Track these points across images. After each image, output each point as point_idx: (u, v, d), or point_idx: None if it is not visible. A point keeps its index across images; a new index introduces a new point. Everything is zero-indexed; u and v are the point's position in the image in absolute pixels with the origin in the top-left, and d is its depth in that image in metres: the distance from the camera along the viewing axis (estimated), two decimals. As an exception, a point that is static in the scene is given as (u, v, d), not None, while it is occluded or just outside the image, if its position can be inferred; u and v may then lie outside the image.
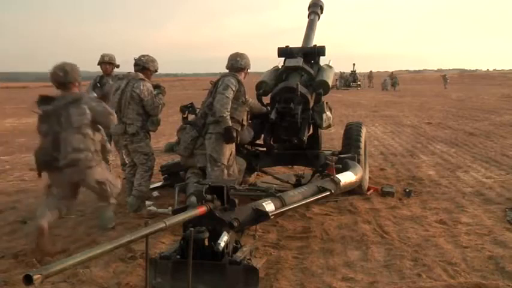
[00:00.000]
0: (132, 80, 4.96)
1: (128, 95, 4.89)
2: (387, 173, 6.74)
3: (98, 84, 6.15)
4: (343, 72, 43.12)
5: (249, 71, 5.16)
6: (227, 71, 5.01)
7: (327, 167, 4.46)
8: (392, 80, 38.37)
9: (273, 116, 5.19)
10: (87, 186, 4.15)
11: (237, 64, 4.98)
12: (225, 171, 4.76)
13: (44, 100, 3.86)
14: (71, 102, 3.78)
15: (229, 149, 4.82)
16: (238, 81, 4.82)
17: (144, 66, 5.07)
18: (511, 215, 4.53)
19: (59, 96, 3.87)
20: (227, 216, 2.90)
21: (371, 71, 48.57)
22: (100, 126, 4.06)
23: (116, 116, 4.10)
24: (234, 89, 4.72)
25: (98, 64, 6.19)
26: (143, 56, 5.15)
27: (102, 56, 6.16)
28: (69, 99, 3.80)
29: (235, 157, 5.04)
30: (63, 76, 3.85)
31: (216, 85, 4.86)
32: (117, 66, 6.28)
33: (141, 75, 5.01)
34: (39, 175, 3.95)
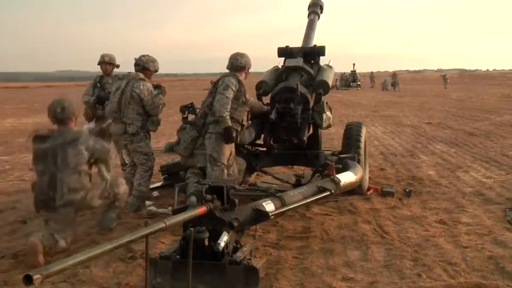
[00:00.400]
0: (132, 79, 4.96)
1: (127, 95, 4.89)
2: (387, 173, 6.74)
3: (98, 84, 6.16)
4: (344, 73, 43.17)
5: (249, 70, 5.16)
6: (227, 71, 5.00)
7: (327, 167, 4.46)
8: (393, 79, 38.41)
9: (273, 116, 5.19)
10: (93, 209, 4.20)
11: (236, 63, 4.97)
12: (225, 171, 4.75)
13: (39, 138, 3.84)
14: (69, 142, 3.75)
15: (229, 148, 4.82)
16: (239, 81, 4.82)
17: (144, 66, 5.07)
18: (511, 215, 4.53)
19: (56, 133, 3.83)
20: (227, 216, 2.90)
21: (372, 72, 48.55)
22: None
23: (113, 150, 4.07)
24: (234, 89, 4.72)
25: (98, 64, 6.19)
26: (143, 56, 5.15)
27: (102, 56, 6.16)
28: (67, 139, 3.76)
29: (235, 157, 5.04)
30: (61, 112, 3.85)
31: (216, 85, 4.86)
32: (117, 66, 6.29)
33: (141, 75, 5.01)
34: (37, 211, 4.00)
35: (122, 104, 4.90)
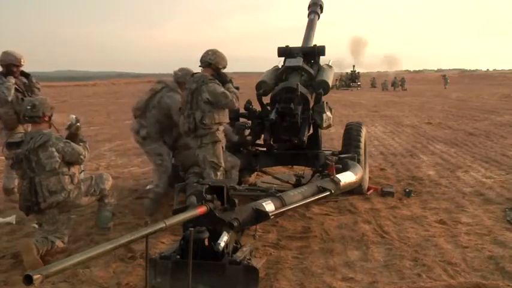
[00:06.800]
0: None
1: None
2: (387, 173, 6.74)
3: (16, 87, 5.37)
4: (343, 74, 43.16)
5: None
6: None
7: (327, 167, 4.46)
8: (400, 80, 39.10)
9: (273, 116, 5.18)
10: (80, 207, 4.25)
11: (205, 58, 4.71)
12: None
13: (13, 144, 3.84)
14: (39, 145, 3.74)
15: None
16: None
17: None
18: (511, 215, 4.54)
19: (27, 137, 3.82)
20: (227, 216, 2.91)
21: (374, 78, 48.47)
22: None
23: (86, 154, 4.03)
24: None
25: (3, 64, 5.38)
26: None
27: (10, 59, 5.35)
28: (37, 143, 3.74)
29: (230, 154, 5.04)
30: (30, 109, 3.82)
31: (194, 94, 4.57)
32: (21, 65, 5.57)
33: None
34: (27, 215, 4.02)
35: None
